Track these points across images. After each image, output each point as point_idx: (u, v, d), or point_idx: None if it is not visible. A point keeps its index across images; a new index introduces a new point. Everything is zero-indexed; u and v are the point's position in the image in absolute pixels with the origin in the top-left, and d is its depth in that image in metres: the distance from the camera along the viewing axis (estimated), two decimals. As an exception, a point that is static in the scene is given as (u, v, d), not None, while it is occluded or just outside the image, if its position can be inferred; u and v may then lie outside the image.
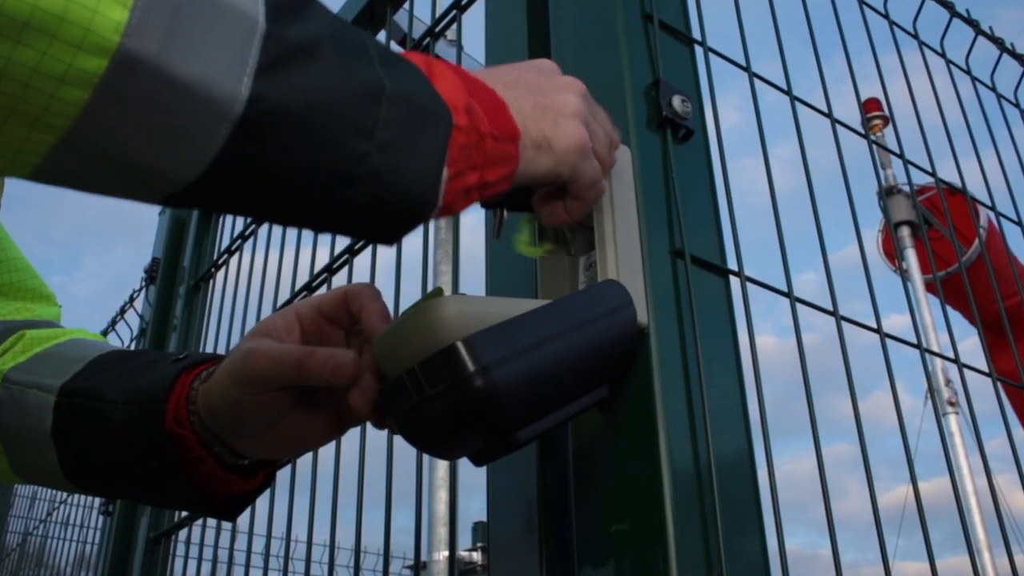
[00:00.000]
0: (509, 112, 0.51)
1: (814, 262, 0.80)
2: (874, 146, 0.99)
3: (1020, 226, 1.16)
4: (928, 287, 4.16)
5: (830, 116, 0.88)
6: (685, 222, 0.64)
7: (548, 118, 0.53)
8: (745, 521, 0.57)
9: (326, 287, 1.10)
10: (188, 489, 0.60)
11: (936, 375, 3.81)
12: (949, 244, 3.44)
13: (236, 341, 1.21)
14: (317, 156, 0.42)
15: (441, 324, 0.50)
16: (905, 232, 4.24)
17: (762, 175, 0.76)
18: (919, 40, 1.15)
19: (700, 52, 0.76)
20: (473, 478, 0.75)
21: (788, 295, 0.69)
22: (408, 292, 0.91)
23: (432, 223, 0.62)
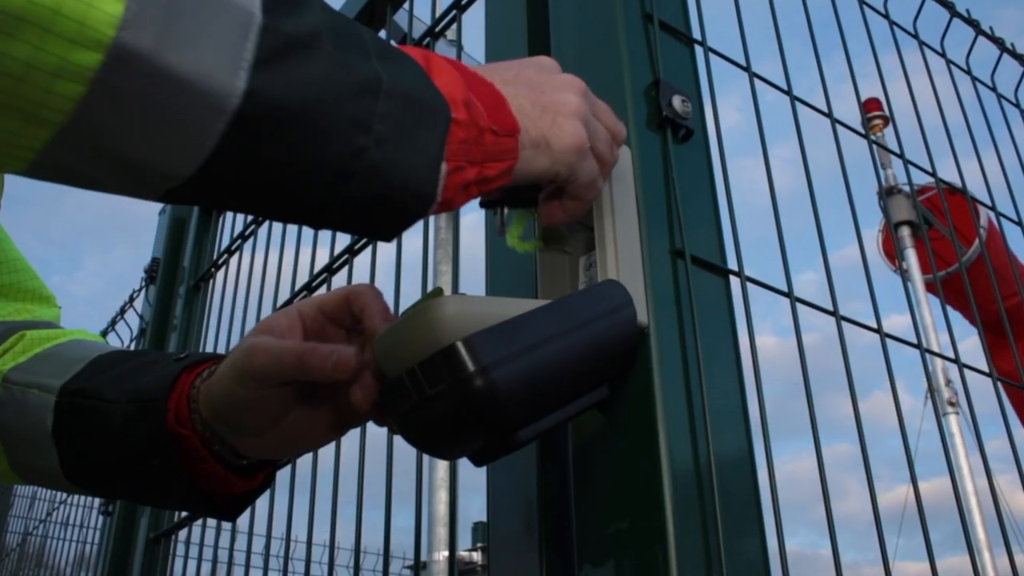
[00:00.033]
0: (508, 107, 0.50)
1: (814, 262, 0.80)
2: (874, 146, 0.99)
3: (1020, 226, 1.16)
4: (928, 287, 4.16)
5: (830, 116, 0.88)
6: (685, 222, 0.64)
7: (547, 117, 0.53)
8: (745, 521, 0.57)
9: (326, 287, 1.10)
10: (189, 489, 0.60)
11: (936, 375, 3.81)
12: (949, 244, 3.44)
13: (236, 341, 1.21)
14: (314, 150, 0.42)
15: (441, 324, 0.50)
16: (905, 232, 4.24)
17: (762, 175, 0.76)
18: (919, 40, 1.15)
19: (700, 52, 0.76)
20: (473, 478, 0.75)
21: (788, 295, 0.69)
22: (408, 292, 0.91)
23: (432, 223, 0.62)
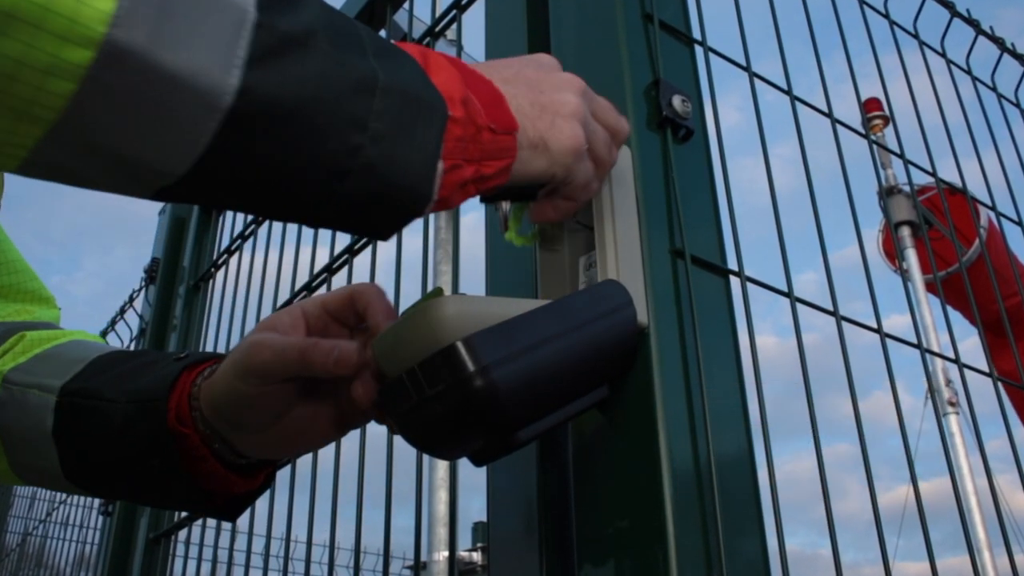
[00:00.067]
0: (507, 105, 0.50)
1: (814, 262, 0.80)
2: (874, 146, 0.99)
3: (1020, 226, 1.16)
4: (928, 287, 4.16)
5: (830, 116, 0.88)
6: (685, 222, 0.64)
7: (546, 117, 0.52)
8: (745, 521, 0.57)
9: (326, 287, 1.10)
10: (189, 488, 0.60)
11: (936, 375, 3.81)
12: (949, 244, 3.44)
13: (236, 341, 1.21)
14: (310, 148, 0.41)
15: (441, 324, 0.50)
16: (905, 232, 4.24)
17: (762, 175, 0.76)
18: (919, 40, 1.15)
19: (700, 52, 0.75)
20: (473, 478, 0.74)
21: (788, 295, 0.69)
22: (408, 292, 0.91)
23: (432, 222, 0.62)
